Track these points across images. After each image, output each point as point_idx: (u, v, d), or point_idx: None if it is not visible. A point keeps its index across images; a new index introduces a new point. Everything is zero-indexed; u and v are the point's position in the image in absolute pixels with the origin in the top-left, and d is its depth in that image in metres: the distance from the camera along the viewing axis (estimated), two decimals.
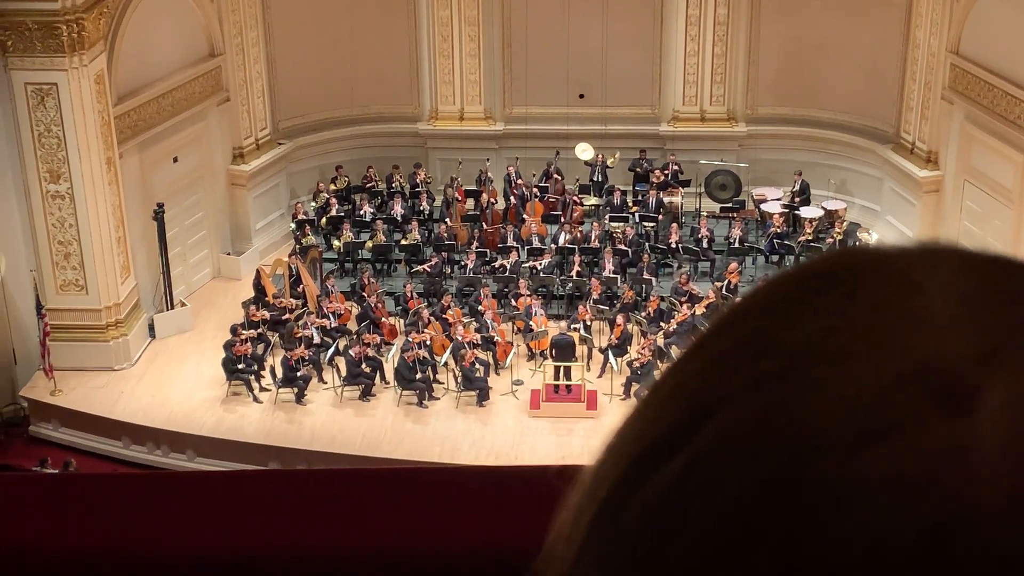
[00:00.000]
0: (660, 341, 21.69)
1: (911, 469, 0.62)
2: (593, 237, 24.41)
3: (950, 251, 0.72)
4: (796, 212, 25.38)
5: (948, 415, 0.63)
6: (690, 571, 0.64)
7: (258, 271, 23.74)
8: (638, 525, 0.66)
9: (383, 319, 22.66)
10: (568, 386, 21.49)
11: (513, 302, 22.85)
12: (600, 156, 26.28)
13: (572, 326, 22.22)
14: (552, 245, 24.53)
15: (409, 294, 22.94)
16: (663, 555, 0.65)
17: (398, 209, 25.49)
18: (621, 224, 24.79)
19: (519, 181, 25.96)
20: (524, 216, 25.25)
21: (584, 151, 26.03)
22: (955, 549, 0.60)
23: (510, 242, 24.34)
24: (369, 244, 24.67)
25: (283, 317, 22.69)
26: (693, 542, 0.64)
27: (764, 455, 0.63)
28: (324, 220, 25.32)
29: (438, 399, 21.44)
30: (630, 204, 25.66)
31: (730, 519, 0.63)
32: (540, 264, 23.73)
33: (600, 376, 21.79)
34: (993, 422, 0.62)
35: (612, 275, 23.33)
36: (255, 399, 21.44)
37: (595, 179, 26.27)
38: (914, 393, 0.63)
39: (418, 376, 21.18)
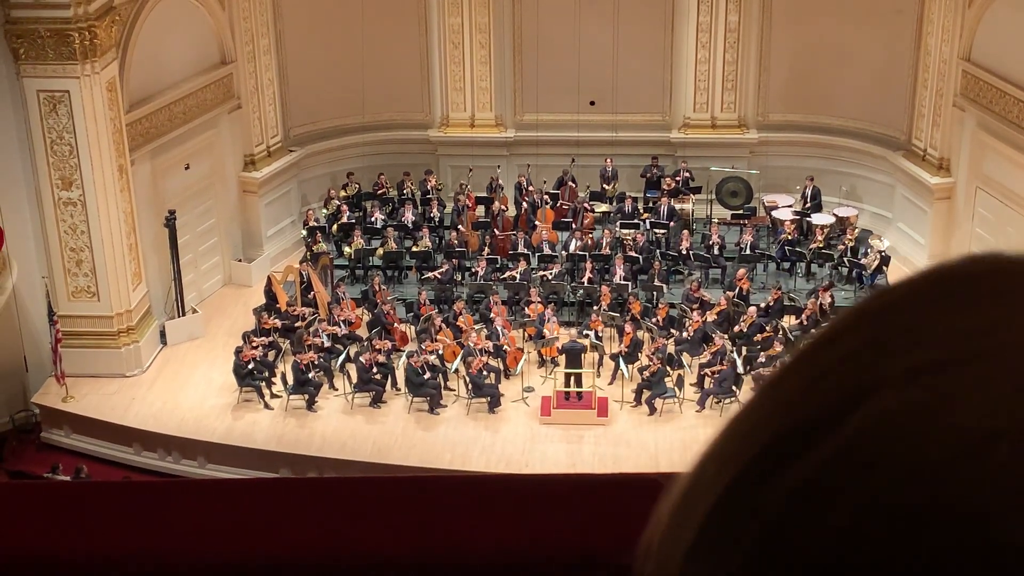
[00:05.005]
0: (671, 348, 21.67)
1: None
2: (604, 244, 24.38)
3: None
4: (807, 219, 25.33)
5: None
6: (843, 547, 0.65)
7: (269, 278, 23.77)
8: (785, 508, 0.67)
9: (395, 325, 22.68)
10: (579, 393, 21.47)
11: (525, 309, 22.84)
12: (609, 160, 26.30)
13: (583, 332, 22.21)
14: (563, 252, 24.51)
15: (422, 300, 22.95)
16: (814, 534, 0.66)
17: (409, 216, 25.49)
18: (632, 231, 24.78)
19: (530, 188, 25.96)
20: (535, 223, 25.23)
21: None
22: None
23: (521, 249, 24.33)
24: (380, 251, 24.67)
25: (295, 325, 22.71)
26: (848, 519, 0.65)
27: (923, 441, 0.65)
28: (335, 227, 25.33)
29: (445, 407, 21.43)
30: (641, 211, 25.66)
31: (885, 496, 0.65)
32: (550, 274, 23.71)
33: (611, 383, 21.76)
34: None
35: (623, 282, 23.31)
36: (266, 406, 21.45)
37: (604, 187, 26.29)
38: None
39: (427, 377, 21.18)
